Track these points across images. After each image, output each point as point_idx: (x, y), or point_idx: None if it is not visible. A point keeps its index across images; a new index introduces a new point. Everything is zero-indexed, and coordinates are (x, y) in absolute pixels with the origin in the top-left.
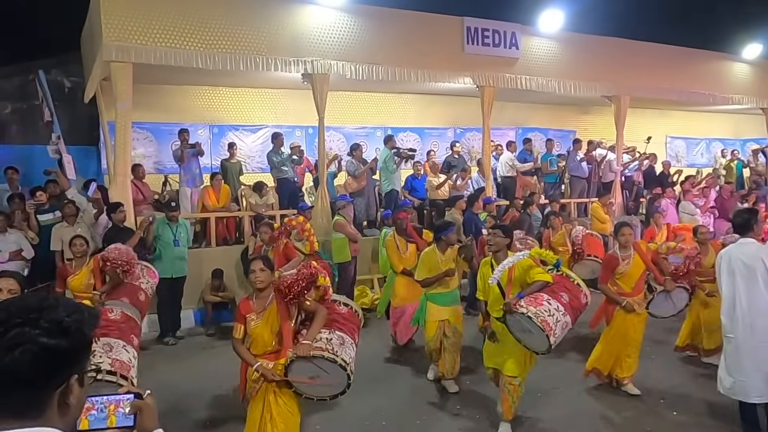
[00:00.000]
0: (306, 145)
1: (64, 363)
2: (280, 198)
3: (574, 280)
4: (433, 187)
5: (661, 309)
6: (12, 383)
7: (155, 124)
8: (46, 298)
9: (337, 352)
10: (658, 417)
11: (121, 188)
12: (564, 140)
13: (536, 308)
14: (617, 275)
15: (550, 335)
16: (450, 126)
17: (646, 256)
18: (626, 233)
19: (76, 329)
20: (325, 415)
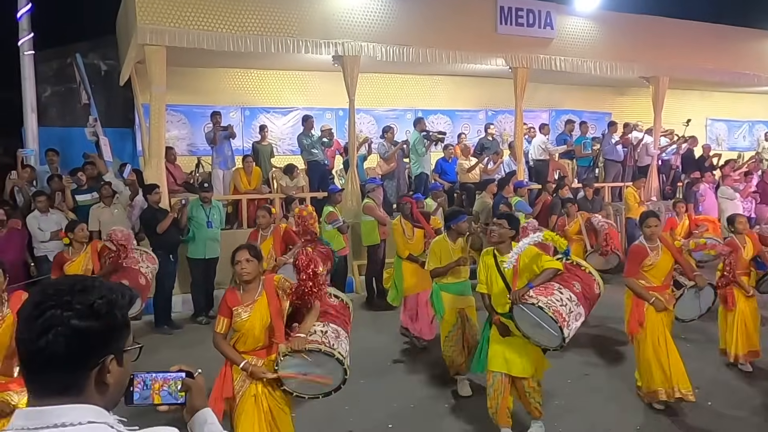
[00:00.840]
0: (336, 128)
1: (98, 344)
2: (311, 180)
3: (585, 268)
4: (464, 170)
5: (687, 309)
6: (49, 364)
7: (188, 106)
8: (81, 280)
9: (333, 345)
10: (693, 406)
11: (156, 170)
12: (599, 123)
13: (547, 298)
14: (645, 267)
15: (564, 326)
16: (481, 108)
17: (674, 248)
18: (652, 224)
19: (107, 311)
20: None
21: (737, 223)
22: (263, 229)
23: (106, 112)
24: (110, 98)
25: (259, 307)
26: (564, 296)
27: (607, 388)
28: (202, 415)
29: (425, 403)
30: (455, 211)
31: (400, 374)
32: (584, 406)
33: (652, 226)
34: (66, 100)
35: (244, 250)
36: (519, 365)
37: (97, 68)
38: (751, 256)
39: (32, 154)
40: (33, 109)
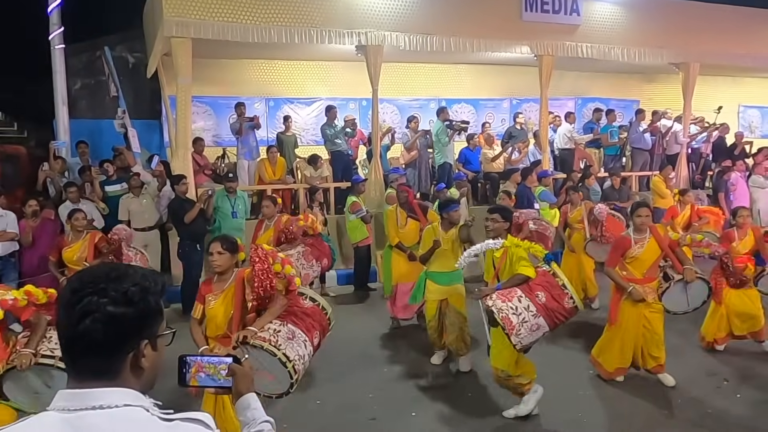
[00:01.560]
0: (359, 118)
1: (132, 329)
2: (334, 171)
3: (560, 280)
4: (488, 159)
5: (675, 302)
6: (87, 348)
7: (213, 97)
8: (116, 268)
9: (280, 345)
10: (722, 397)
11: (183, 161)
12: (626, 110)
13: (504, 303)
14: (627, 259)
15: (511, 334)
16: (506, 97)
17: (663, 241)
18: (643, 214)
19: (141, 298)
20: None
21: (739, 216)
22: (268, 219)
23: (133, 104)
24: (138, 90)
25: (224, 297)
26: (522, 305)
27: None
28: (246, 400)
29: (449, 390)
30: (448, 200)
31: (423, 361)
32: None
33: (642, 215)
34: (95, 93)
35: (217, 242)
36: (494, 352)
37: (124, 61)
38: (747, 250)
39: (64, 146)
40: (64, 101)
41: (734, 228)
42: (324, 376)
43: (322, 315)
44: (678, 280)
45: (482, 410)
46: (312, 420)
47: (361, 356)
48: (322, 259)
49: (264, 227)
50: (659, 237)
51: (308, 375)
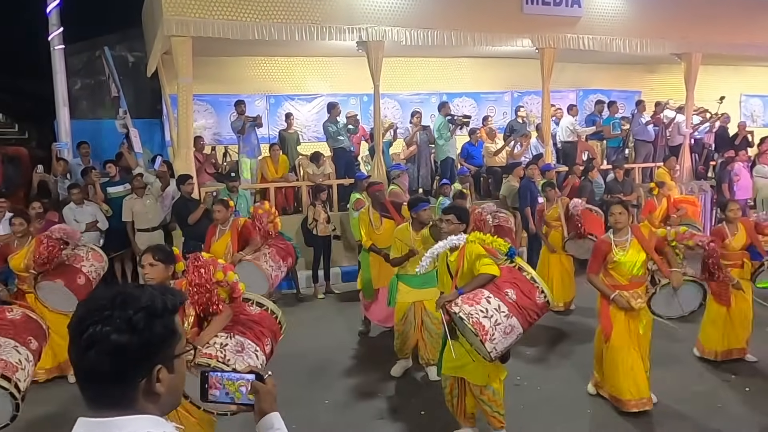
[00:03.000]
0: (361, 113)
1: (140, 357)
2: (337, 168)
3: (528, 274)
4: (491, 153)
5: (665, 308)
6: (96, 379)
7: (214, 95)
8: (123, 292)
9: (228, 360)
10: (731, 391)
11: (185, 160)
12: (628, 102)
13: (471, 307)
14: (610, 264)
15: (485, 340)
16: (507, 90)
17: (646, 241)
18: (616, 212)
19: (146, 325)
20: None
21: (728, 211)
22: (221, 223)
23: (134, 104)
24: (138, 90)
25: None
26: (491, 306)
27: None
28: (269, 420)
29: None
30: (417, 198)
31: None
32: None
33: (615, 213)
34: (96, 93)
35: (148, 253)
36: (470, 370)
37: (124, 60)
38: (742, 246)
39: (66, 147)
40: (65, 102)
41: (724, 223)
42: (339, 369)
43: (272, 320)
44: (664, 285)
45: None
46: (319, 416)
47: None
48: (287, 259)
49: (218, 232)
50: (642, 238)
51: (323, 371)
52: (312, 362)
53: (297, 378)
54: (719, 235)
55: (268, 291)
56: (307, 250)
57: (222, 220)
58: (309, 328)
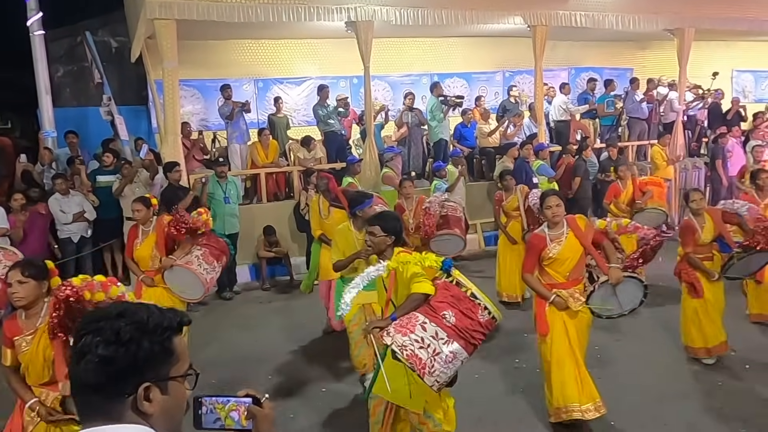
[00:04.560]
0: (351, 96)
1: (125, 372)
2: (328, 152)
3: (467, 289)
4: (484, 134)
5: (604, 303)
6: (85, 390)
7: (201, 80)
8: (123, 305)
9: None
10: (731, 369)
11: (173, 147)
12: (620, 79)
13: (404, 337)
14: (545, 261)
15: (424, 375)
16: (498, 69)
17: (583, 234)
18: (552, 204)
19: (132, 338)
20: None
21: (691, 201)
22: (143, 224)
23: (119, 91)
24: (122, 76)
25: (40, 337)
26: (428, 333)
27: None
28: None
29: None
30: (360, 195)
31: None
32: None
33: (552, 206)
34: (79, 80)
35: (16, 270)
36: (403, 394)
37: (107, 46)
38: (711, 238)
39: (53, 135)
40: (47, 90)
41: (690, 216)
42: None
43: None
44: (603, 282)
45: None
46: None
47: None
48: (221, 258)
49: (141, 234)
50: (579, 231)
51: (319, 355)
52: (307, 347)
53: (295, 364)
54: (690, 229)
55: (202, 295)
56: (299, 236)
57: (143, 220)
58: (302, 314)
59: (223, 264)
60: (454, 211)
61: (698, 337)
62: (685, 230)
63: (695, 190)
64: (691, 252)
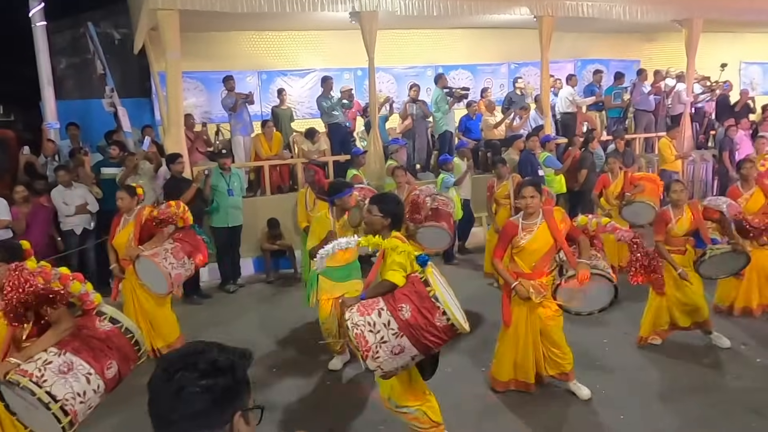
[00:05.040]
0: (355, 88)
1: (225, 400)
2: (332, 144)
3: (431, 291)
4: (489, 126)
5: (572, 300)
6: (186, 422)
7: (204, 73)
8: (198, 344)
9: (45, 381)
10: (743, 363)
11: (176, 139)
12: (627, 71)
13: (361, 317)
14: (514, 249)
15: (366, 357)
16: (504, 61)
17: (556, 228)
18: (527, 195)
19: (229, 366)
20: None
21: (672, 192)
22: (126, 212)
23: (122, 83)
24: (125, 68)
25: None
26: (381, 320)
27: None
28: None
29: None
30: (339, 184)
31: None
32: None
33: (526, 196)
34: (81, 72)
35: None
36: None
37: (110, 37)
38: (686, 231)
39: (56, 127)
40: (49, 82)
41: (669, 207)
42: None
43: (124, 340)
44: (569, 276)
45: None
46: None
47: None
48: (195, 255)
49: (123, 223)
50: (552, 223)
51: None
52: (311, 340)
53: (300, 357)
54: (663, 218)
55: (167, 291)
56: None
57: (126, 208)
58: (306, 307)
59: (198, 262)
60: (445, 206)
61: (647, 325)
62: (659, 219)
63: (677, 181)
64: (660, 241)
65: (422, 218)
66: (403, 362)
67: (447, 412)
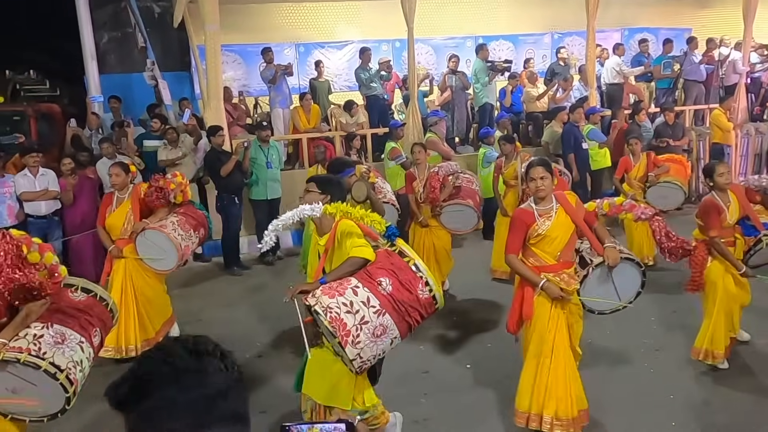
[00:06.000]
0: (393, 60)
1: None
2: (370, 116)
3: (410, 260)
4: (532, 98)
5: (599, 295)
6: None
7: (242, 45)
8: (182, 343)
9: (45, 354)
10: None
11: (216, 112)
12: (677, 40)
13: (331, 299)
14: (532, 240)
15: (346, 344)
16: (547, 31)
17: (575, 212)
18: (537, 175)
19: (232, 365)
20: None
21: (717, 175)
22: (119, 190)
23: (162, 56)
24: (165, 41)
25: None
26: (358, 298)
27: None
28: None
29: None
30: (339, 163)
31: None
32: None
33: (536, 178)
34: (123, 46)
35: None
36: (323, 390)
37: (150, 11)
38: (736, 219)
39: (101, 100)
40: (93, 56)
41: (713, 193)
42: None
43: (101, 307)
44: (598, 264)
45: None
46: None
47: None
48: (198, 229)
49: (116, 201)
50: (569, 207)
51: None
52: None
53: None
54: (714, 208)
55: (177, 263)
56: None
57: (120, 185)
58: None
59: (201, 236)
60: (469, 182)
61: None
62: (709, 209)
63: (720, 162)
64: (716, 236)
65: (438, 195)
66: (381, 348)
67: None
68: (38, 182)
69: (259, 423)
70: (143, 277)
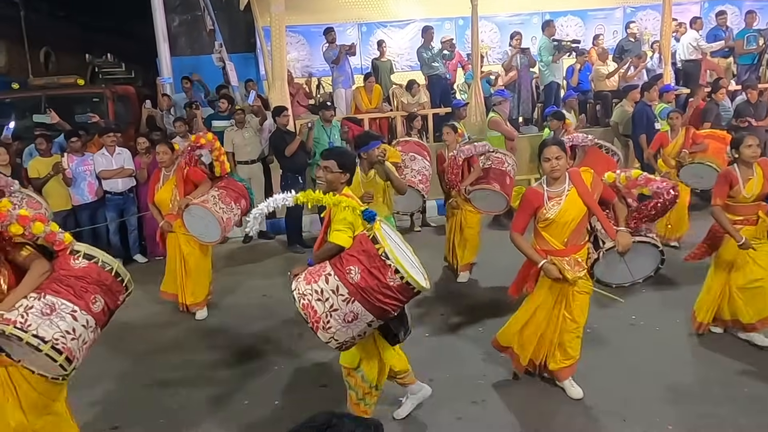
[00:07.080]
0: (456, 38)
1: None
2: (432, 96)
3: (380, 247)
4: (601, 76)
5: (611, 276)
6: None
7: (305, 26)
8: (327, 417)
9: (30, 326)
10: None
11: (280, 92)
12: (763, 12)
13: (307, 285)
14: (540, 223)
15: (317, 329)
16: (618, 5)
17: (588, 193)
18: (551, 155)
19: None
20: None
21: (745, 146)
22: (166, 167)
23: (229, 38)
24: (232, 24)
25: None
26: (329, 286)
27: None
28: None
29: None
30: (367, 136)
31: None
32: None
33: (550, 158)
34: (193, 29)
35: None
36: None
37: None
38: (757, 195)
39: (170, 81)
40: (165, 39)
41: (735, 165)
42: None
43: (104, 273)
44: (609, 248)
45: None
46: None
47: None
48: (240, 201)
49: (162, 178)
50: (583, 188)
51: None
52: None
53: None
54: (726, 179)
55: (221, 236)
56: None
57: (167, 163)
58: None
59: (243, 207)
60: (500, 164)
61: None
62: (721, 179)
63: (750, 135)
64: (718, 206)
65: (457, 180)
66: (359, 330)
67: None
68: (115, 161)
69: (322, 395)
70: (189, 249)
